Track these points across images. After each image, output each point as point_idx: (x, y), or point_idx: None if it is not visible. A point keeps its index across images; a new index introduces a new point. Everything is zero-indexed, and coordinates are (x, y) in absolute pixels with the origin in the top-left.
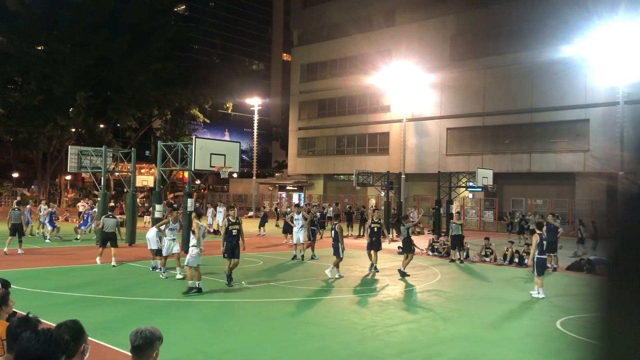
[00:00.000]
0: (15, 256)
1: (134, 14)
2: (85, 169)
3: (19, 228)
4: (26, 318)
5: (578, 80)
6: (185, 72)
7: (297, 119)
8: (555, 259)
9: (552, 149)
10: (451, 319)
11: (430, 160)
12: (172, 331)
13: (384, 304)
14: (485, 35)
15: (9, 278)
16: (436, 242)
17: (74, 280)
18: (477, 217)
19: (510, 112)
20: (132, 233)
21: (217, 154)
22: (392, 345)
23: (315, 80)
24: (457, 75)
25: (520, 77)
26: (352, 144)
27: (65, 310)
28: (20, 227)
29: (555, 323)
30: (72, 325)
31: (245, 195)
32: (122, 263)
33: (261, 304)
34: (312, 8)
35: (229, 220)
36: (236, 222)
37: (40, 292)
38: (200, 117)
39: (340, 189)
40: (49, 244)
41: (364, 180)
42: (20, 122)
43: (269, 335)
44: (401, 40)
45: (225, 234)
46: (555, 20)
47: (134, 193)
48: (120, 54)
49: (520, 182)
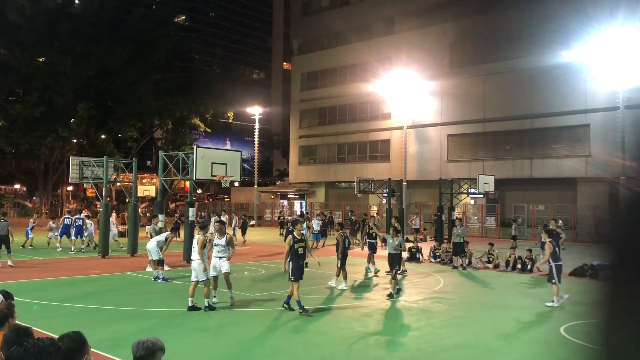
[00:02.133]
0: (6, 268)
1: (135, 24)
2: (87, 180)
3: (5, 239)
4: (17, 329)
5: (578, 85)
6: (186, 81)
7: (298, 127)
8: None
9: (553, 155)
10: (455, 326)
11: (432, 167)
12: (174, 342)
13: (387, 312)
14: (485, 42)
15: (13, 290)
16: (438, 249)
17: (76, 291)
18: (479, 223)
19: (511, 118)
20: (134, 243)
21: (218, 163)
22: (396, 354)
23: (316, 89)
24: (457, 82)
25: (520, 83)
26: (353, 152)
27: (67, 322)
28: (6, 239)
29: (559, 329)
30: (74, 337)
31: (247, 204)
32: (124, 273)
33: (264, 314)
34: (312, 17)
35: (294, 237)
36: (301, 239)
37: (44, 303)
38: (201, 127)
39: (342, 196)
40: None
41: (365, 188)
42: (21, 134)
43: (272, 345)
44: (401, 48)
45: (291, 253)
46: (554, 25)
47: (135, 203)
48: (121, 64)
49: (521, 188)
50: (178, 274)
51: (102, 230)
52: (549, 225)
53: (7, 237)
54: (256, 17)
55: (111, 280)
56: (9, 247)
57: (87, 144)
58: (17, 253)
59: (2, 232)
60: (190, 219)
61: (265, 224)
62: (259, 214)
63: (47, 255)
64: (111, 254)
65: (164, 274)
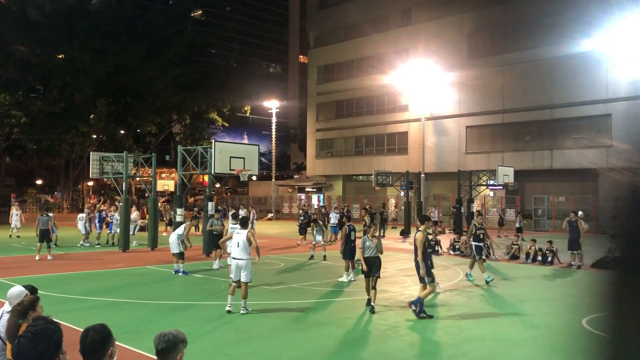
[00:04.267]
0: (45, 262)
1: (152, 20)
2: (107, 175)
3: (46, 234)
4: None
5: (599, 74)
6: (204, 76)
7: (315, 121)
8: (579, 257)
9: (573, 145)
10: (474, 319)
11: (450, 159)
12: (195, 334)
13: (406, 304)
14: (504, 32)
15: (37, 284)
16: (457, 242)
17: (99, 285)
18: (499, 215)
19: (531, 108)
20: (154, 237)
21: (236, 157)
22: (415, 346)
23: (333, 82)
24: (475, 73)
25: (539, 73)
26: (371, 145)
27: (92, 314)
28: (47, 233)
29: (581, 321)
30: (100, 329)
31: (265, 197)
32: (145, 267)
33: (282, 306)
34: (328, 9)
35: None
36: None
37: (67, 297)
38: (219, 121)
39: (360, 189)
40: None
41: (383, 181)
42: (42, 130)
43: (290, 337)
44: (418, 39)
45: (423, 253)
46: (574, 13)
47: (155, 198)
48: (139, 60)
49: (541, 179)
50: (198, 267)
51: (122, 224)
52: (570, 217)
53: (48, 232)
54: (272, 11)
55: (133, 274)
56: (49, 241)
57: (107, 139)
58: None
59: (44, 226)
60: (210, 212)
61: (284, 217)
62: (277, 207)
63: (70, 249)
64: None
65: (184, 267)
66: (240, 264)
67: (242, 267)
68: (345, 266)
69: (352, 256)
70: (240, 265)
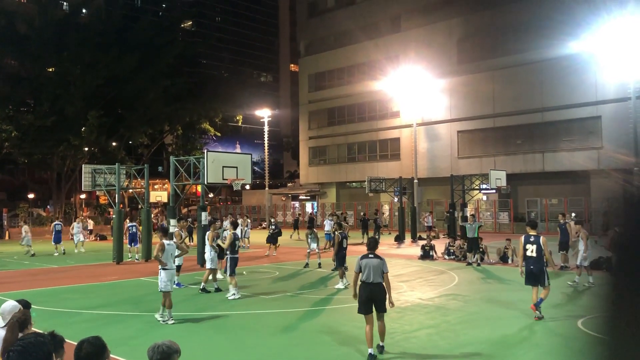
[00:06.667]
0: (38, 276)
1: (142, 31)
2: (100, 187)
3: None
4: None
5: (588, 76)
6: (195, 86)
7: (307, 129)
8: (564, 257)
9: (564, 148)
10: (470, 323)
11: (442, 164)
12: (190, 344)
13: (401, 310)
14: (492, 37)
15: (30, 298)
16: (452, 246)
17: (93, 298)
18: (492, 218)
19: (521, 112)
20: (148, 249)
21: (229, 166)
22: (411, 352)
23: (324, 89)
24: (465, 78)
25: (529, 77)
26: (363, 151)
27: (86, 327)
28: None
29: (576, 323)
30: (94, 342)
31: (259, 206)
32: (139, 279)
33: (279, 315)
34: (318, 18)
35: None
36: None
37: (61, 310)
38: (211, 131)
39: (353, 196)
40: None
41: (377, 187)
42: (33, 144)
43: (288, 346)
44: (408, 46)
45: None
46: (562, 16)
47: (148, 209)
48: (129, 72)
49: (534, 182)
50: (192, 278)
51: (115, 236)
52: (558, 219)
53: None
54: (262, 20)
55: (127, 286)
56: None
57: (99, 151)
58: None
59: None
60: (203, 222)
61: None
62: (271, 216)
63: (63, 262)
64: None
65: (179, 279)
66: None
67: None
68: (339, 273)
69: (343, 263)
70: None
